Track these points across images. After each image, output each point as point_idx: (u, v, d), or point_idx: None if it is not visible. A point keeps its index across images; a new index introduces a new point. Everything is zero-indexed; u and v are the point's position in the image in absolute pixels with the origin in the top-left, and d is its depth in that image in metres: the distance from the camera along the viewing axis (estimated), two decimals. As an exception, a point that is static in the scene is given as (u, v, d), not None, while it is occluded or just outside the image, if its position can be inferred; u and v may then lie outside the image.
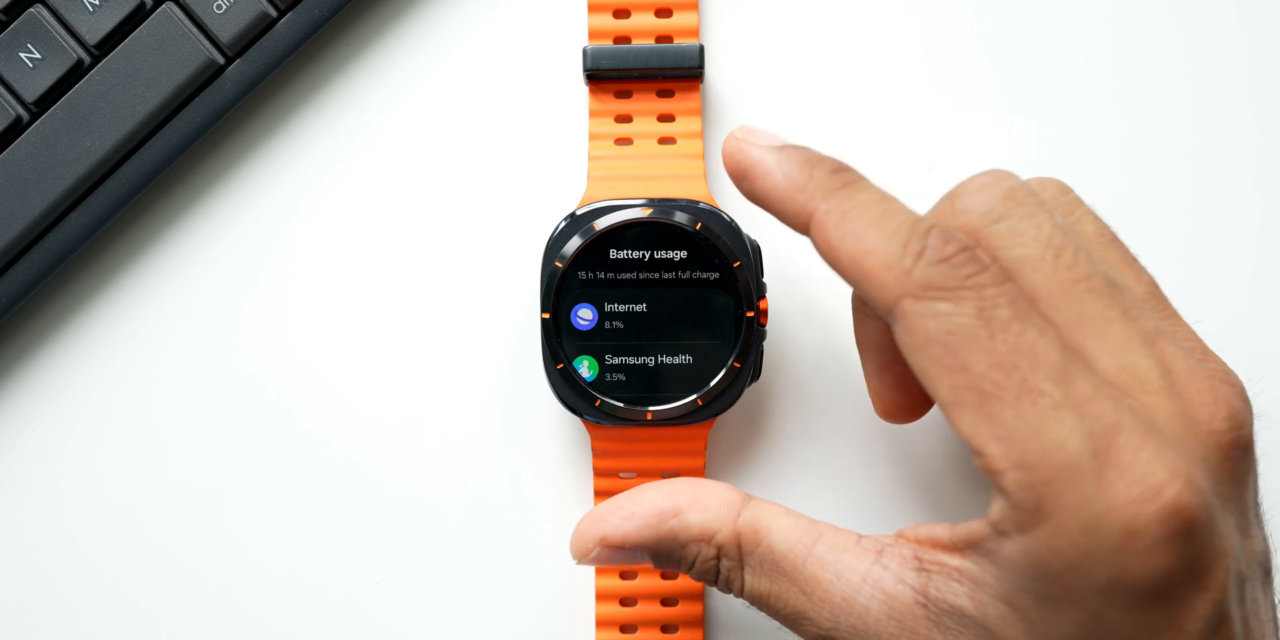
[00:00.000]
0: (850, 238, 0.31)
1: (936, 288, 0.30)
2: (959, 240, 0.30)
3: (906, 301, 0.30)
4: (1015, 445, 0.29)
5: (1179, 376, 0.31)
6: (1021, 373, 0.29)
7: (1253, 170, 0.42)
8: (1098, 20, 0.42)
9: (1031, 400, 0.29)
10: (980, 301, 0.29)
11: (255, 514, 0.42)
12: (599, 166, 0.40)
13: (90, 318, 0.42)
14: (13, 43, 0.40)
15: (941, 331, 0.30)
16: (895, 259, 0.30)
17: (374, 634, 0.42)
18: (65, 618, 0.42)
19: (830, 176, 0.32)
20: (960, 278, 0.30)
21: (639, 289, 0.38)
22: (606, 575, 0.41)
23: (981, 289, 0.30)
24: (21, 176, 0.40)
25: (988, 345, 0.29)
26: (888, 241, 0.31)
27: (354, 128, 0.42)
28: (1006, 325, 0.29)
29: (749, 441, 0.42)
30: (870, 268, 0.31)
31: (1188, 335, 0.33)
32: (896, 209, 0.32)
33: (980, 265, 0.30)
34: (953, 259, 0.30)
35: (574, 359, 0.39)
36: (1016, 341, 0.29)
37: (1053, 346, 0.29)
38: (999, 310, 0.29)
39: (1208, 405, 0.30)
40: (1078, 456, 0.28)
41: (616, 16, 0.41)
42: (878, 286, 0.31)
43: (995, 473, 0.29)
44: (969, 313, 0.29)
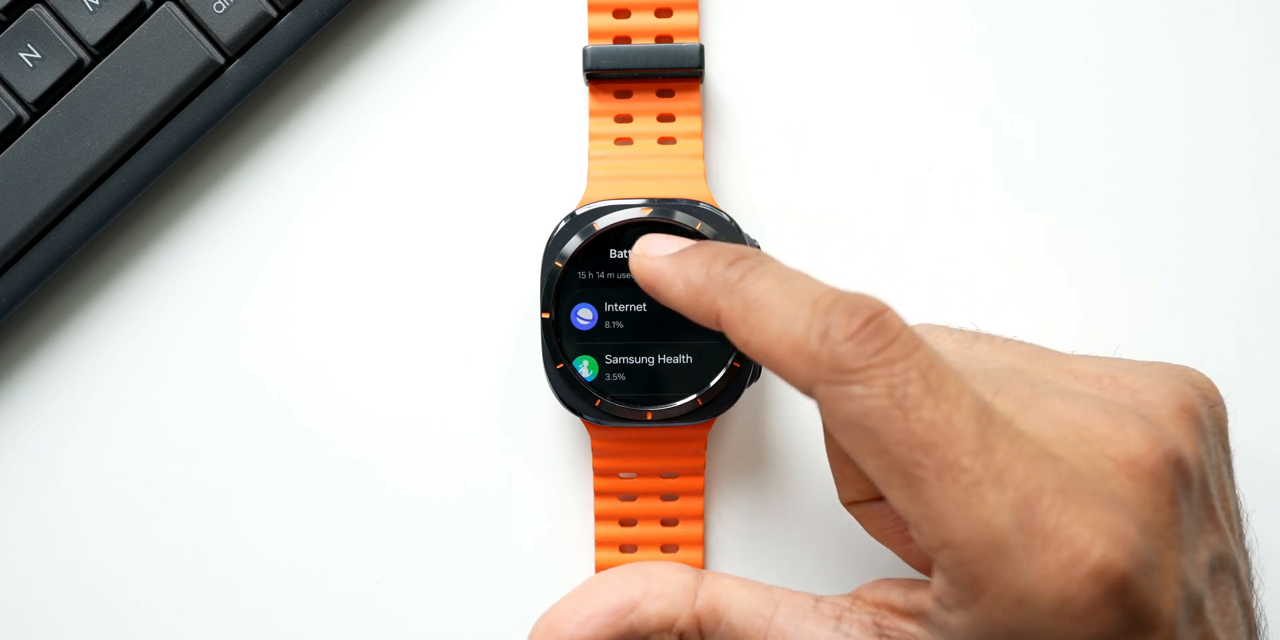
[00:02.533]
0: (756, 330, 0.31)
1: (846, 370, 0.29)
2: (866, 310, 0.30)
3: (819, 387, 0.30)
4: (943, 524, 0.29)
5: (1074, 425, 0.31)
6: (940, 450, 0.29)
7: (1253, 170, 0.42)
8: (1098, 20, 0.42)
9: (953, 478, 0.29)
10: (891, 379, 0.29)
11: (255, 514, 0.42)
12: (599, 166, 0.40)
13: (90, 318, 0.42)
14: (13, 43, 0.40)
15: (858, 415, 0.29)
16: (802, 344, 0.30)
17: (374, 634, 0.42)
18: (65, 618, 0.42)
19: (728, 270, 0.32)
20: (868, 355, 0.29)
21: (639, 289, 0.38)
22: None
23: (891, 365, 0.29)
24: (21, 176, 0.40)
25: (903, 426, 0.29)
26: (791, 326, 0.30)
27: (354, 128, 0.42)
28: (920, 401, 0.29)
29: (749, 441, 0.42)
30: (780, 356, 0.30)
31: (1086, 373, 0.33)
32: (798, 289, 0.31)
33: (888, 335, 0.30)
34: (859, 335, 0.29)
35: (574, 359, 0.39)
36: (932, 418, 0.29)
37: (969, 416, 0.29)
38: (910, 386, 0.29)
39: (1115, 438, 0.30)
40: (1003, 531, 0.28)
41: (616, 16, 0.41)
42: (791, 373, 0.30)
43: (929, 550, 0.29)
44: (880, 394, 0.29)
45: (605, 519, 0.41)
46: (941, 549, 0.29)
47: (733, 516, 0.42)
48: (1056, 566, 0.28)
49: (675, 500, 0.41)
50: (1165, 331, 0.42)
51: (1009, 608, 0.28)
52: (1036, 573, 0.28)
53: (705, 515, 0.42)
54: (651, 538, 0.41)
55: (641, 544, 0.41)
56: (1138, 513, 0.30)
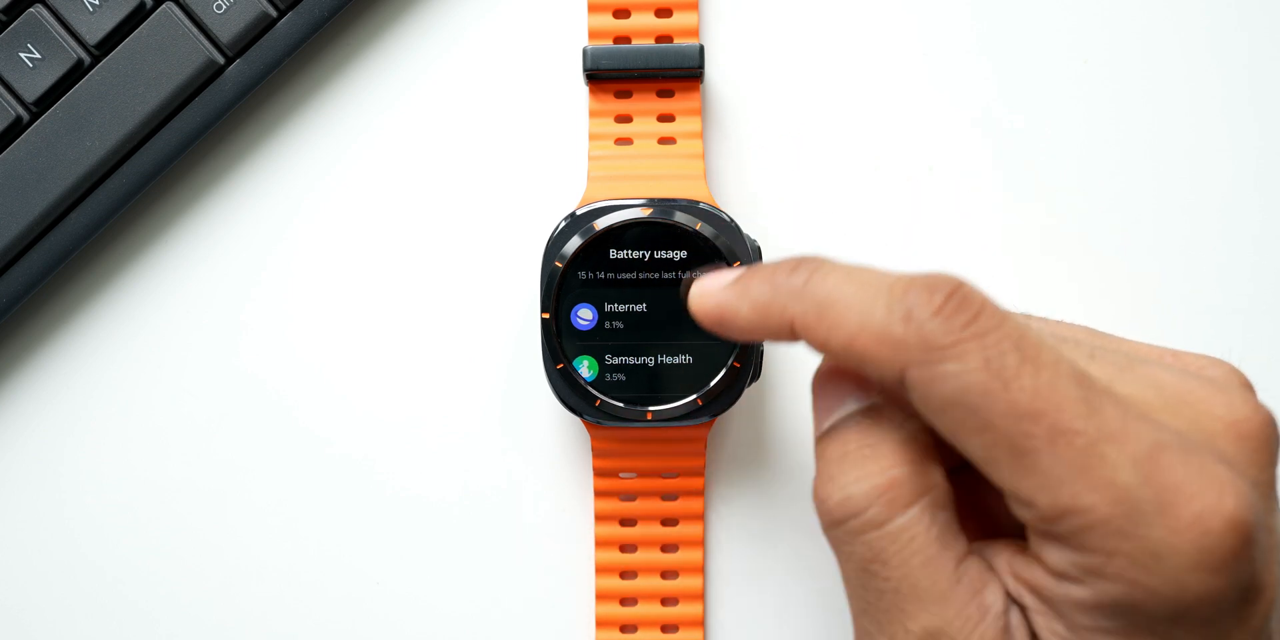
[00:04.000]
0: (834, 328, 0.30)
1: (937, 347, 0.29)
2: (945, 286, 0.29)
3: (911, 371, 0.29)
4: (1064, 490, 0.28)
5: (1175, 387, 0.30)
6: (1048, 417, 0.28)
7: (1253, 170, 0.42)
8: (1098, 20, 0.42)
9: (1067, 442, 0.28)
10: (985, 352, 0.28)
11: (255, 514, 0.42)
12: (599, 166, 0.40)
13: (90, 318, 0.42)
14: (13, 43, 0.40)
15: (956, 393, 0.28)
16: (885, 330, 0.29)
17: (374, 634, 0.42)
18: (65, 618, 0.42)
19: (790, 277, 0.31)
20: (957, 329, 0.29)
21: (639, 289, 0.38)
22: (606, 575, 0.41)
23: (983, 337, 0.28)
24: (21, 176, 0.40)
25: (1006, 398, 0.28)
26: (871, 315, 0.29)
27: (354, 128, 0.42)
28: (1019, 371, 0.28)
29: (749, 441, 0.42)
30: (864, 348, 0.30)
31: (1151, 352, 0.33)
32: (867, 279, 0.30)
33: (973, 308, 0.29)
34: (944, 310, 0.29)
35: (574, 359, 0.39)
36: (1034, 386, 0.28)
37: (1071, 381, 0.28)
38: (1007, 357, 0.28)
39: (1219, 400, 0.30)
40: (1129, 487, 0.28)
41: (616, 16, 0.41)
42: (879, 364, 0.29)
43: (1046, 521, 0.29)
44: (977, 367, 0.28)
45: (605, 519, 0.41)
46: (1064, 516, 0.28)
47: (733, 516, 0.42)
48: (1191, 518, 0.28)
49: (675, 500, 0.41)
50: (1166, 330, 0.42)
51: (1145, 566, 0.28)
52: (1170, 526, 0.27)
53: (705, 515, 0.42)
54: (651, 538, 0.41)
55: (641, 544, 0.41)
56: (1247, 471, 0.29)
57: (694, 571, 0.41)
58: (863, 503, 0.30)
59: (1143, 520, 0.28)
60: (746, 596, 0.42)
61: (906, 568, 0.30)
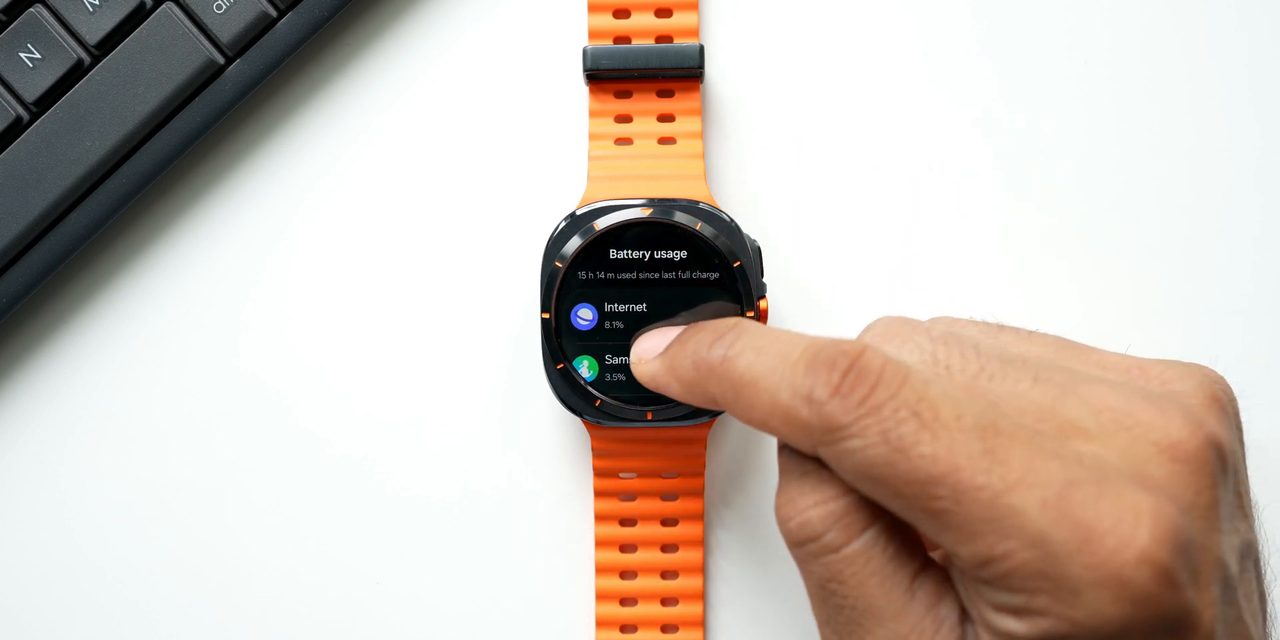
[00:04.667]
0: (749, 408, 0.32)
1: (838, 427, 0.30)
2: (842, 360, 0.30)
3: (820, 449, 0.30)
4: (980, 542, 0.29)
5: (1115, 412, 0.31)
6: (950, 479, 0.29)
7: (1253, 170, 0.42)
8: (1098, 20, 0.42)
9: (971, 498, 0.29)
10: (883, 425, 0.29)
11: (255, 514, 0.42)
12: (599, 166, 0.40)
13: (90, 318, 0.42)
14: (13, 43, 0.40)
15: (862, 467, 0.30)
16: (792, 412, 0.30)
17: (374, 634, 0.42)
18: (65, 618, 0.42)
19: (709, 353, 0.33)
20: (854, 406, 0.30)
21: (639, 289, 0.38)
22: (606, 575, 0.41)
23: (879, 410, 0.29)
24: (21, 176, 0.40)
25: (908, 466, 0.29)
26: (777, 397, 0.31)
27: (354, 128, 0.42)
28: (917, 439, 0.29)
29: (749, 441, 0.42)
30: (777, 429, 0.31)
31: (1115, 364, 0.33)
32: (773, 355, 0.32)
33: (869, 380, 0.30)
34: (841, 387, 0.30)
35: (574, 359, 0.38)
36: (933, 451, 0.29)
37: (970, 437, 0.29)
38: (904, 426, 0.29)
39: (1157, 423, 0.30)
40: (1040, 530, 0.28)
41: (616, 16, 0.41)
42: (794, 442, 0.31)
43: (974, 570, 0.29)
44: (876, 442, 0.29)
45: (605, 519, 0.41)
46: (986, 565, 0.29)
47: (733, 516, 0.42)
48: (1105, 554, 0.28)
49: (675, 500, 0.41)
50: (1167, 331, 0.42)
51: (1067, 602, 0.28)
52: (1086, 563, 0.28)
53: (705, 515, 0.42)
54: (651, 538, 0.41)
55: (641, 544, 0.41)
56: (1179, 494, 0.30)
57: (694, 571, 0.41)
58: (820, 527, 0.31)
59: (1059, 560, 0.28)
60: (746, 596, 0.42)
61: (863, 588, 0.31)
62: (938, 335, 0.32)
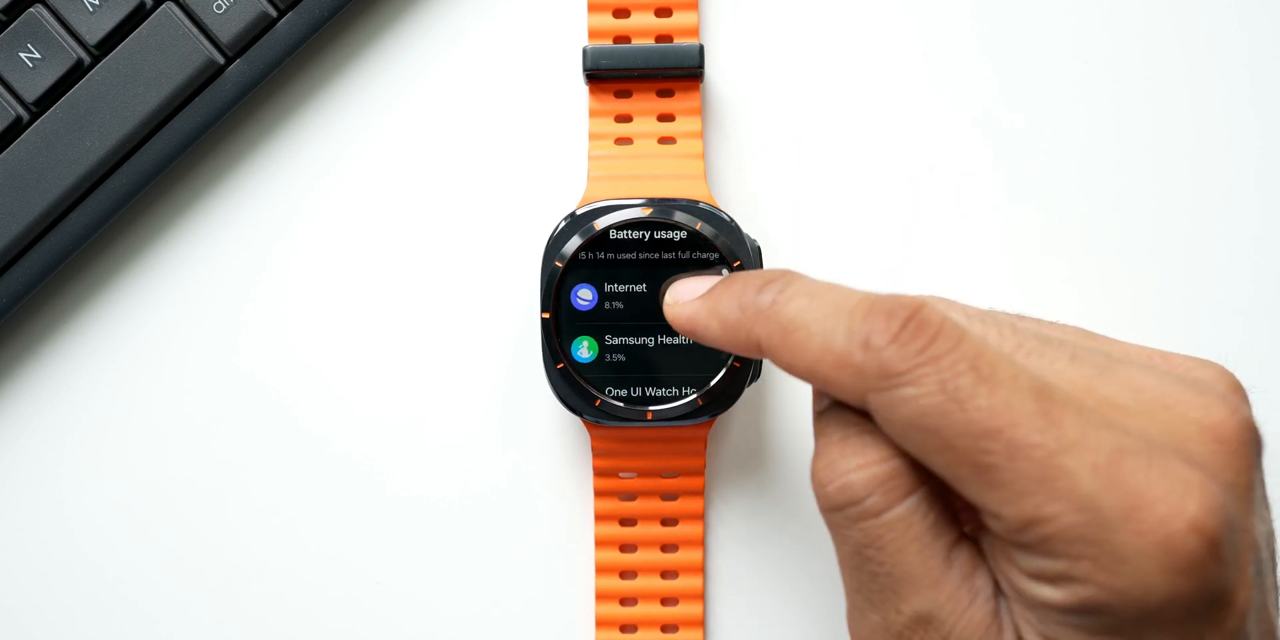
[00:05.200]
0: (798, 352, 0.31)
1: (894, 373, 0.29)
2: (901, 311, 0.30)
3: (871, 397, 0.30)
4: (1026, 502, 0.28)
5: (1154, 391, 0.31)
6: (1005, 434, 0.29)
7: (1253, 170, 0.42)
8: (1098, 20, 0.42)
9: (1025, 456, 0.28)
10: (940, 375, 0.29)
11: (255, 514, 0.42)
12: (599, 166, 0.40)
13: (90, 318, 0.42)
14: (13, 43, 0.40)
15: (914, 416, 0.29)
16: (845, 357, 0.30)
17: (374, 634, 0.42)
18: (65, 618, 0.42)
19: (759, 297, 0.32)
20: (913, 354, 0.29)
21: (639, 270, 0.38)
22: (606, 575, 0.41)
23: (938, 361, 0.29)
24: (21, 176, 0.40)
25: (962, 418, 0.29)
26: (831, 341, 0.30)
27: (354, 128, 0.42)
28: (974, 391, 0.29)
29: (749, 441, 0.42)
30: (827, 374, 0.30)
31: (1139, 353, 0.33)
32: (831, 302, 0.31)
33: (929, 332, 0.29)
34: (900, 336, 0.30)
35: (573, 340, 0.38)
36: (990, 404, 0.29)
37: (1028, 395, 0.29)
38: (962, 378, 0.29)
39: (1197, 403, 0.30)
40: (1090, 494, 0.28)
41: (616, 16, 0.41)
42: (842, 389, 0.30)
43: (1014, 533, 0.29)
44: (933, 391, 0.29)
45: (605, 519, 0.41)
46: (1029, 527, 0.29)
47: (733, 516, 0.42)
48: (1154, 521, 0.28)
49: (675, 500, 0.41)
50: (1168, 330, 0.42)
51: (1111, 569, 0.28)
52: (1134, 530, 0.28)
53: (705, 515, 0.42)
54: (651, 537, 0.41)
55: (641, 544, 0.41)
56: (1220, 474, 0.30)
57: (694, 571, 0.41)
58: (861, 492, 0.31)
59: (1107, 525, 0.28)
60: (746, 596, 0.42)
61: (901, 555, 0.30)
62: (974, 313, 0.32)
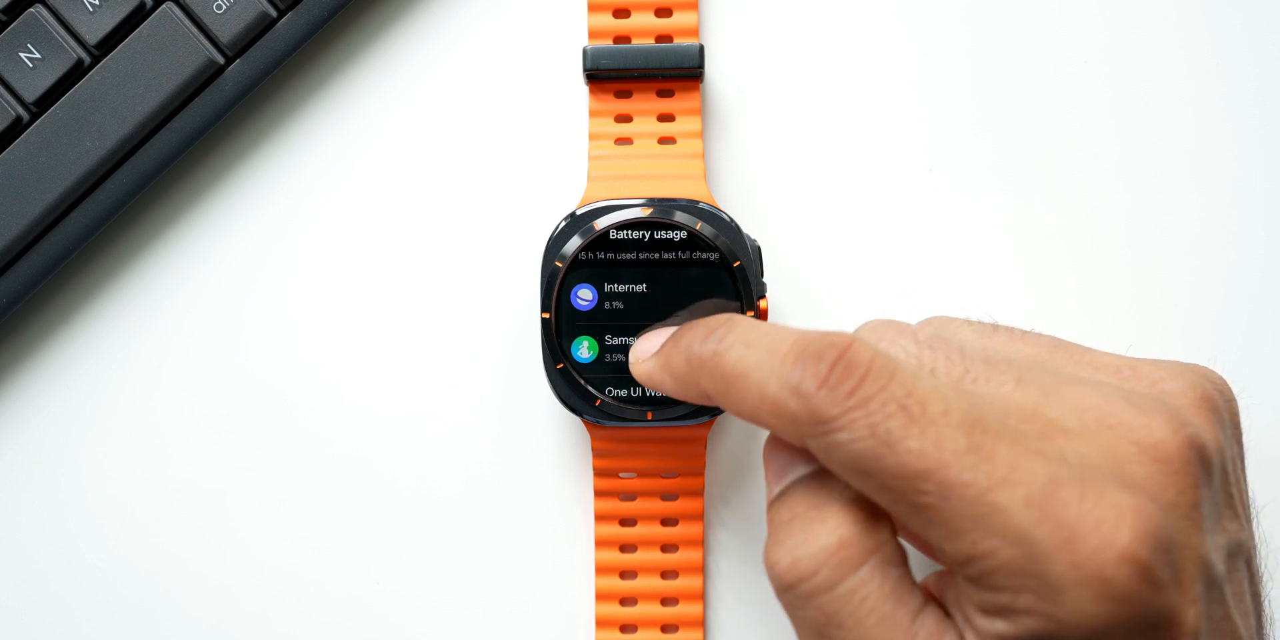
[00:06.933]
0: (739, 403, 0.31)
1: (825, 419, 0.30)
2: (830, 352, 0.30)
3: (809, 441, 0.30)
4: (964, 539, 0.29)
5: (1097, 411, 0.31)
6: (937, 474, 0.29)
7: (1254, 170, 0.42)
8: (1097, 21, 0.42)
9: (958, 495, 0.29)
10: (870, 419, 0.29)
11: (256, 514, 0.42)
12: (599, 166, 0.40)
13: (90, 318, 0.42)
14: (13, 43, 0.40)
15: (849, 460, 0.30)
16: (779, 405, 0.30)
17: (374, 634, 0.42)
18: (66, 618, 0.42)
19: (702, 348, 0.33)
20: (842, 399, 0.29)
21: (639, 270, 0.38)
22: (606, 575, 0.41)
23: (868, 404, 0.29)
24: (21, 176, 0.40)
25: (895, 461, 0.29)
26: (766, 390, 0.31)
27: (354, 128, 0.42)
28: (905, 433, 0.29)
29: (749, 441, 0.42)
30: (767, 422, 0.31)
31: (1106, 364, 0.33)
32: (763, 347, 0.31)
33: (858, 373, 0.30)
34: (829, 379, 0.30)
35: (573, 340, 0.38)
36: (920, 446, 0.29)
37: (958, 433, 0.29)
38: (892, 421, 0.29)
39: (1138, 422, 0.30)
40: (1023, 529, 0.28)
41: (616, 16, 0.41)
42: (783, 434, 0.31)
43: (958, 567, 0.29)
44: (864, 435, 0.29)
45: (605, 519, 0.41)
46: (969, 562, 0.29)
47: (733, 516, 0.42)
48: (1088, 552, 0.28)
49: (675, 500, 0.41)
50: (1169, 330, 0.42)
51: (1051, 600, 0.28)
52: (1069, 561, 0.28)
53: (705, 515, 0.42)
54: (651, 538, 0.41)
55: (641, 544, 0.41)
56: (1159, 494, 0.30)
57: (694, 571, 0.41)
58: (812, 565, 0.31)
59: (1042, 558, 0.28)
60: (746, 596, 0.42)
61: (861, 628, 0.30)
62: (924, 338, 0.32)
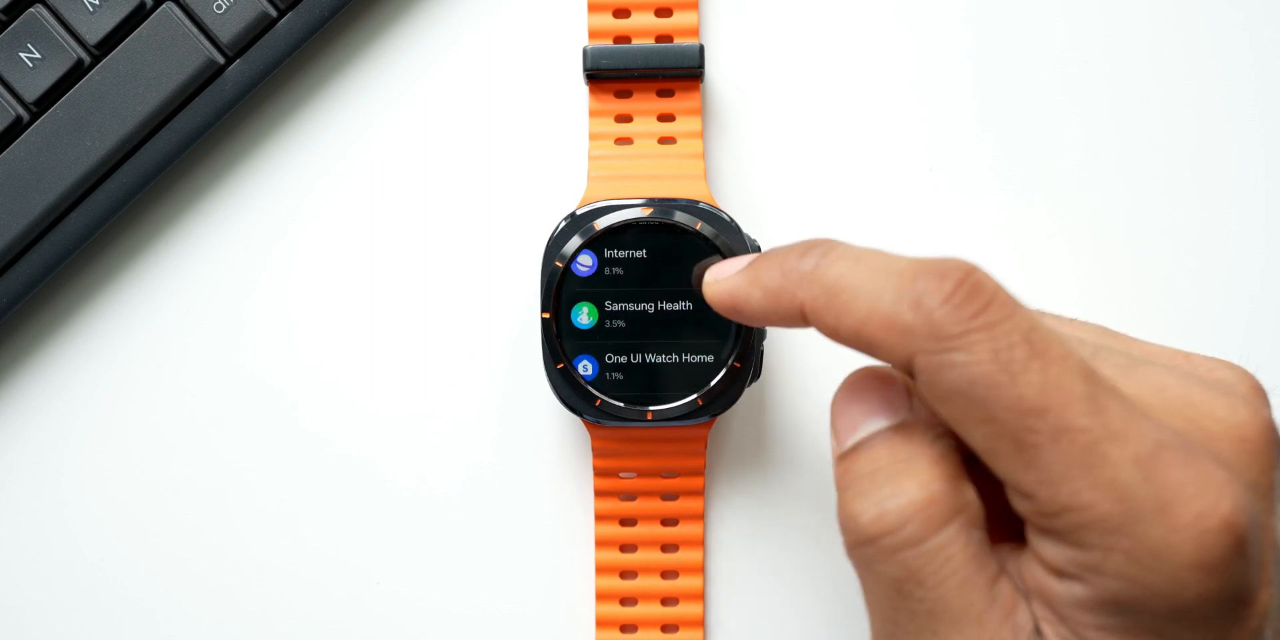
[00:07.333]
0: (843, 314, 0.30)
1: (945, 336, 0.28)
2: (956, 272, 0.29)
3: (919, 358, 0.29)
4: (1064, 486, 0.28)
5: (1175, 391, 0.30)
6: (1053, 414, 0.28)
7: (1255, 169, 0.42)
8: (1097, 20, 0.42)
9: (1070, 439, 0.28)
10: (994, 343, 0.28)
11: (256, 514, 0.42)
12: (599, 166, 0.40)
13: (90, 318, 0.42)
14: (13, 43, 0.40)
15: (962, 383, 0.28)
16: (894, 317, 0.29)
17: (374, 634, 0.42)
18: (66, 618, 0.42)
19: (800, 262, 0.31)
20: (967, 318, 0.28)
21: (640, 288, 0.38)
22: (607, 575, 0.41)
23: (993, 328, 0.28)
24: (21, 176, 0.40)
25: (1012, 391, 0.28)
26: (879, 301, 0.29)
27: (354, 128, 0.42)
28: (1027, 365, 0.28)
29: (749, 441, 0.42)
30: (873, 335, 0.29)
31: (1160, 353, 0.33)
32: (877, 263, 0.30)
33: (984, 296, 0.28)
34: (954, 298, 0.28)
35: (574, 357, 0.38)
36: (1041, 381, 0.28)
37: (1078, 377, 0.28)
38: (1015, 350, 0.28)
39: (1219, 403, 0.30)
40: (1129, 486, 0.28)
41: (616, 16, 0.41)
42: (888, 350, 0.29)
43: (1045, 517, 0.28)
44: (985, 359, 0.28)
45: (605, 519, 0.41)
46: (1063, 513, 0.28)
47: (733, 516, 0.42)
48: (1190, 518, 0.28)
49: (675, 500, 0.41)
50: (1170, 329, 0.42)
51: (1143, 563, 0.28)
52: (1169, 525, 0.28)
53: (705, 515, 0.42)
54: (651, 537, 0.41)
55: (641, 544, 0.41)
56: (1244, 473, 0.29)
57: (694, 571, 0.41)
58: (899, 519, 0.29)
59: (1141, 519, 0.28)
60: (746, 596, 0.42)
61: (942, 588, 0.29)
62: None
